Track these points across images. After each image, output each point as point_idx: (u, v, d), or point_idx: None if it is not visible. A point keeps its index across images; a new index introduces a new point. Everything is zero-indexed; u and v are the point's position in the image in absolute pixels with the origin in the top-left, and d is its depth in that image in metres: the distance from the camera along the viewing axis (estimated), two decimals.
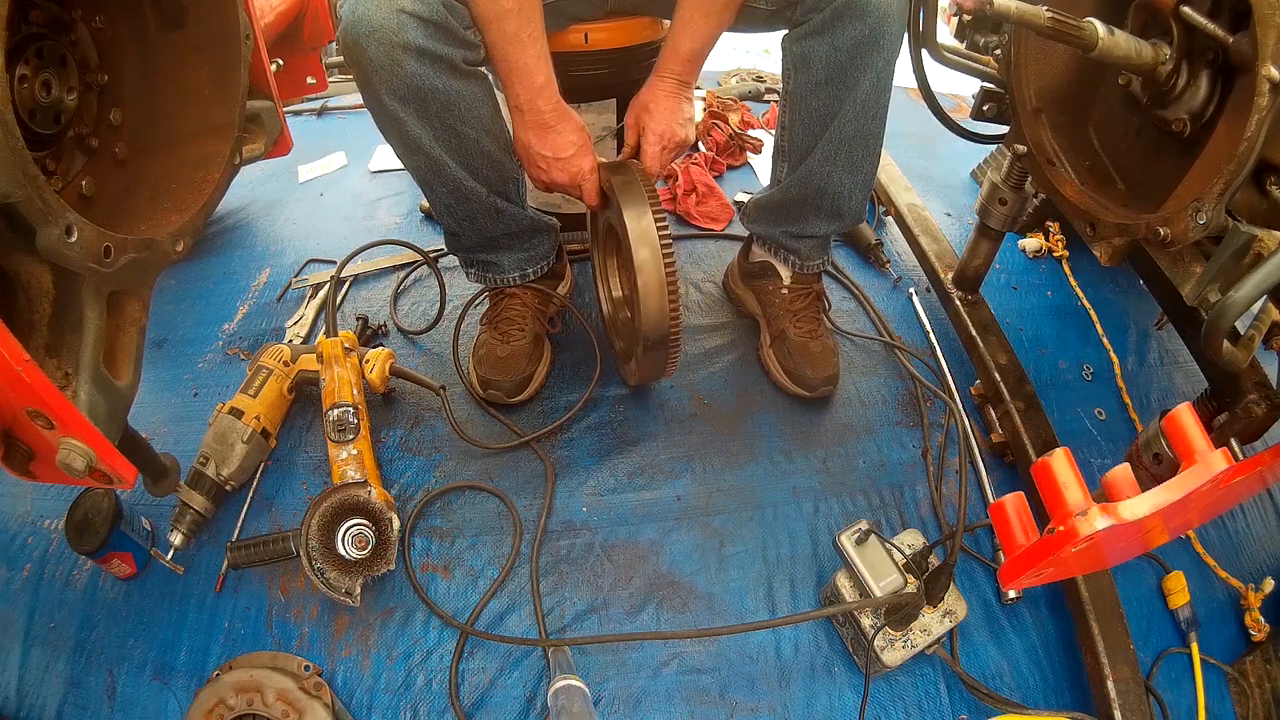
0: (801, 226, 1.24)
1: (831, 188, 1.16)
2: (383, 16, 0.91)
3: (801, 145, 1.14)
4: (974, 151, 1.75)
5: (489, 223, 1.19)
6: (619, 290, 1.35)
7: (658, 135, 1.12)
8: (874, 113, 1.09)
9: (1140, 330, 1.47)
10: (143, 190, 0.92)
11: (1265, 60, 0.67)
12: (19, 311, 0.71)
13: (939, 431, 1.28)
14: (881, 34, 0.99)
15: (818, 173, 1.15)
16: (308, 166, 1.99)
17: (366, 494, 1.04)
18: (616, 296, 1.35)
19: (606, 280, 1.35)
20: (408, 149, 1.05)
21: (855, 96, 1.05)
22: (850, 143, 1.11)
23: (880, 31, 0.99)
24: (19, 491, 1.26)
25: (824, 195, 1.18)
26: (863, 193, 1.21)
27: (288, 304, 1.54)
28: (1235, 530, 1.21)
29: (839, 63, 1.02)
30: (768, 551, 1.14)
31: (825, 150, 1.12)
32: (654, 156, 1.13)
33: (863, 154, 1.14)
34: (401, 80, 0.95)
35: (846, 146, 1.11)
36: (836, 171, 1.14)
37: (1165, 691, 1.02)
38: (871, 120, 1.10)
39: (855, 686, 1.01)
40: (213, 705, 0.94)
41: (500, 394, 1.27)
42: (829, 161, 1.13)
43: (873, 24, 0.98)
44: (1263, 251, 0.70)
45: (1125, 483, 0.68)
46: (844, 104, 1.06)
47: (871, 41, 1.00)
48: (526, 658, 1.03)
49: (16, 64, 0.76)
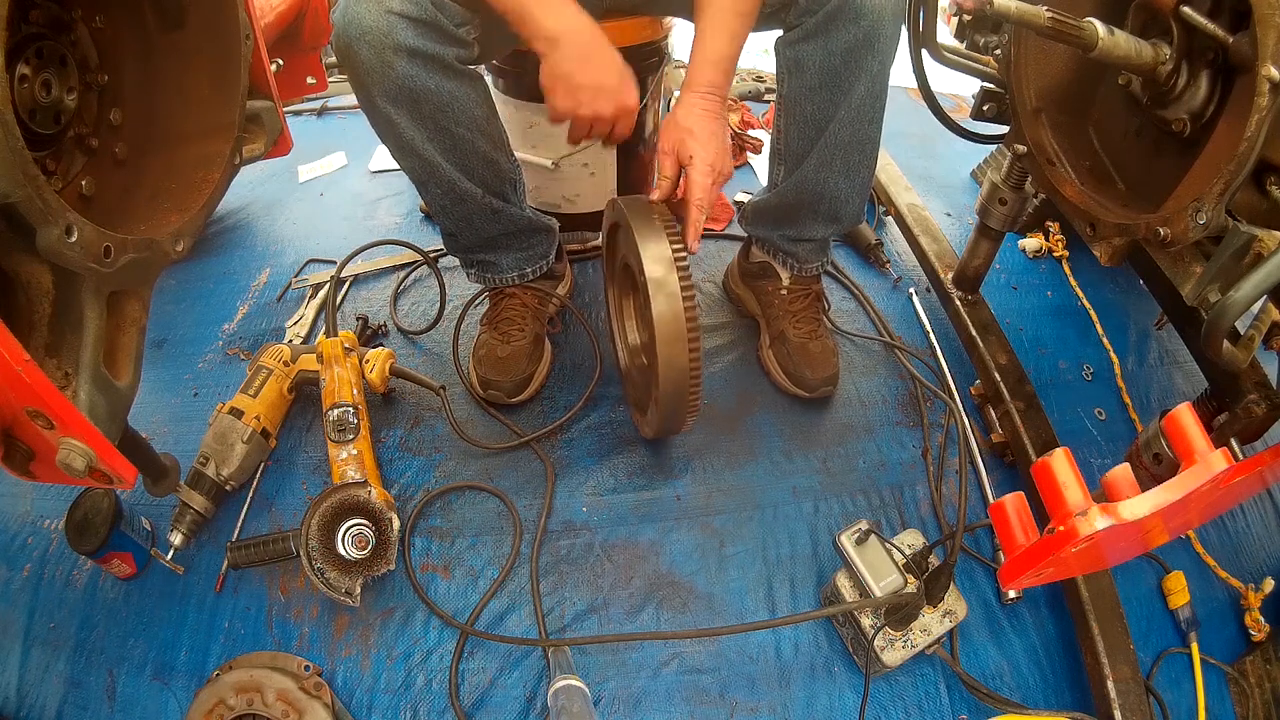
0: (799, 230, 1.24)
1: (828, 192, 1.15)
2: (373, 18, 0.91)
3: (797, 150, 1.13)
4: (974, 151, 1.75)
5: (486, 223, 1.19)
6: (635, 335, 1.27)
7: (708, 165, 1.00)
8: (869, 117, 1.08)
9: (1140, 330, 1.47)
10: (143, 190, 0.92)
11: (1265, 60, 0.67)
12: (19, 311, 0.72)
13: (939, 431, 1.28)
14: (876, 38, 0.98)
15: (814, 177, 1.14)
16: (308, 166, 1.99)
17: (366, 494, 1.04)
18: (633, 343, 1.27)
19: (622, 322, 1.29)
20: (402, 150, 1.05)
21: (850, 101, 1.04)
22: (846, 148, 1.10)
23: (874, 35, 0.98)
24: (19, 491, 1.26)
25: (820, 199, 1.17)
26: (860, 196, 1.20)
27: (288, 304, 1.54)
28: (1235, 530, 1.21)
29: (833, 67, 1.01)
30: (768, 551, 1.14)
31: (821, 155, 1.11)
32: (704, 190, 1.01)
33: (859, 159, 1.12)
34: (393, 82, 0.95)
35: (842, 151, 1.10)
36: (832, 176, 1.13)
37: (1165, 691, 1.02)
38: (867, 125, 1.09)
39: (855, 686, 1.01)
40: (213, 705, 0.94)
41: (500, 394, 1.27)
42: (825, 166, 1.12)
43: (866, 27, 0.97)
44: (1263, 251, 0.70)
45: (1125, 483, 0.68)
46: (839, 109, 1.05)
47: (865, 46, 0.98)
48: (526, 658, 1.03)
49: (16, 64, 0.76)
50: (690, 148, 1.00)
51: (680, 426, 1.10)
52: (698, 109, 1.01)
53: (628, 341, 1.28)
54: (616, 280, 1.27)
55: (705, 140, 1.00)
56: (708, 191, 1.01)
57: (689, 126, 1.00)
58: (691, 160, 1.00)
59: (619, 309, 1.29)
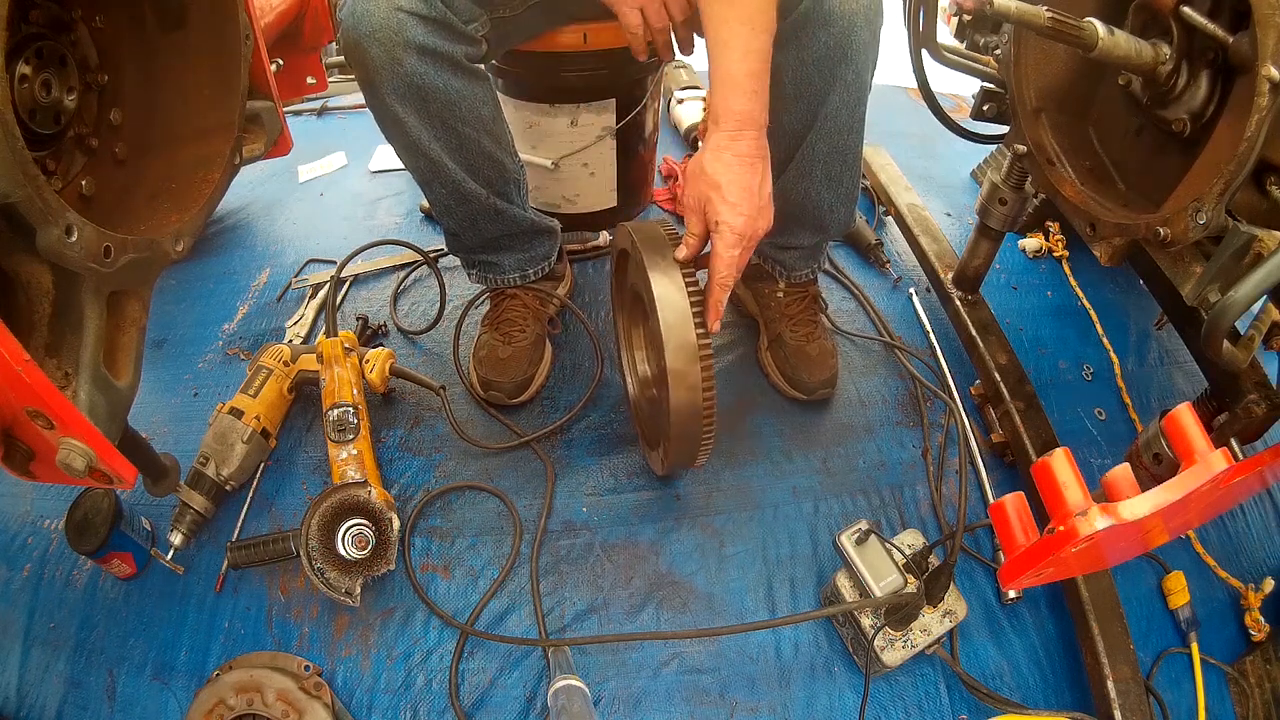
0: (786, 238, 1.21)
1: (811, 202, 1.12)
2: (382, 15, 0.91)
3: (776, 160, 1.05)
4: (974, 151, 1.75)
5: (489, 224, 1.19)
6: (645, 367, 1.21)
7: (737, 235, 0.85)
8: (848, 128, 1.03)
9: (1140, 330, 1.47)
10: (143, 190, 0.92)
11: (1265, 60, 0.67)
12: (19, 311, 0.71)
13: (939, 431, 1.28)
14: (849, 44, 0.94)
15: (794, 188, 1.10)
16: (308, 166, 1.99)
17: (366, 494, 1.04)
18: (643, 374, 1.22)
19: (630, 351, 1.24)
20: (408, 149, 1.05)
21: (825, 112, 1.00)
22: (826, 159, 1.06)
23: (847, 43, 0.93)
24: (19, 491, 1.26)
25: (803, 209, 1.14)
26: (846, 205, 1.17)
27: (288, 304, 1.54)
28: (1235, 530, 1.21)
29: (806, 77, 0.97)
30: (768, 551, 1.13)
31: (800, 166, 1.07)
32: (729, 266, 0.86)
33: (840, 169, 1.09)
34: (402, 79, 0.95)
35: (822, 163, 1.07)
36: (814, 186, 1.10)
37: (1165, 691, 1.02)
38: (845, 135, 1.04)
39: (855, 686, 1.01)
40: (213, 705, 0.94)
41: (501, 395, 1.27)
42: (804, 177, 1.09)
43: (838, 34, 0.92)
44: (1263, 251, 0.70)
45: (1125, 483, 0.68)
46: (815, 120, 1.01)
47: (838, 54, 0.94)
48: (526, 658, 1.03)
49: (16, 64, 0.76)
50: (717, 209, 0.85)
51: (693, 464, 1.03)
52: (727, 154, 0.85)
53: (637, 373, 1.23)
54: (626, 309, 1.22)
55: (737, 199, 0.84)
56: (733, 267, 0.86)
57: (715, 179, 0.84)
58: (719, 227, 0.85)
59: (628, 339, 1.24)
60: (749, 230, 0.86)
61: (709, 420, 0.93)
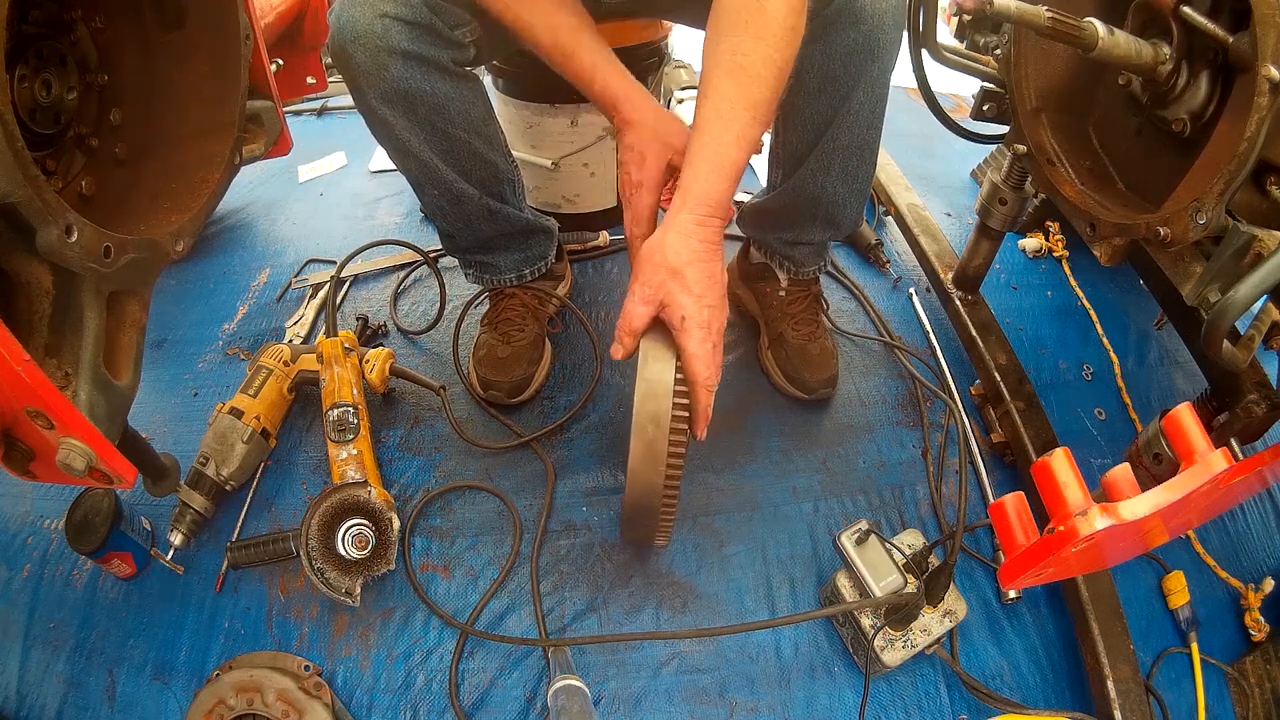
0: (796, 234, 1.22)
1: (826, 196, 1.13)
2: (367, 21, 0.91)
3: (795, 154, 1.11)
4: (974, 151, 1.75)
5: (483, 224, 1.18)
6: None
7: (704, 329, 0.77)
8: (869, 123, 1.06)
9: (1140, 330, 1.47)
10: (143, 190, 0.92)
11: (1265, 60, 0.67)
12: (19, 311, 0.71)
13: (939, 431, 1.28)
14: (876, 42, 0.96)
15: (811, 181, 1.11)
16: (308, 166, 1.99)
17: (366, 494, 1.04)
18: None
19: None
20: (398, 152, 1.05)
21: (849, 107, 1.02)
22: (845, 153, 1.08)
23: (875, 40, 0.96)
24: (19, 491, 1.26)
25: (818, 204, 1.15)
26: (858, 201, 1.18)
27: (288, 304, 1.54)
28: (1235, 530, 1.21)
29: (832, 72, 0.99)
30: (768, 551, 1.13)
31: (819, 159, 1.08)
32: (706, 365, 0.78)
33: (858, 164, 1.10)
34: (388, 84, 0.95)
35: (841, 156, 1.08)
36: (830, 181, 1.11)
37: (1165, 691, 1.02)
38: (867, 130, 1.07)
39: (855, 686, 1.01)
40: (213, 705, 0.94)
41: (500, 394, 1.27)
42: (823, 171, 1.10)
43: (866, 31, 0.95)
44: (1263, 251, 0.71)
45: (1125, 483, 0.68)
46: (838, 114, 1.03)
47: (865, 51, 0.96)
48: (526, 658, 1.03)
49: (16, 64, 0.76)
50: (679, 301, 0.77)
51: (650, 543, 0.98)
52: (694, 240, 0.78)
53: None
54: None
55: (702, 290, 0.77)
56: (710, 364, 0.78)
57: (677, 265, 0.77)
58: (685, 324, 0.77)
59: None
60: (715, 322, 0.80)
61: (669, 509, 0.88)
